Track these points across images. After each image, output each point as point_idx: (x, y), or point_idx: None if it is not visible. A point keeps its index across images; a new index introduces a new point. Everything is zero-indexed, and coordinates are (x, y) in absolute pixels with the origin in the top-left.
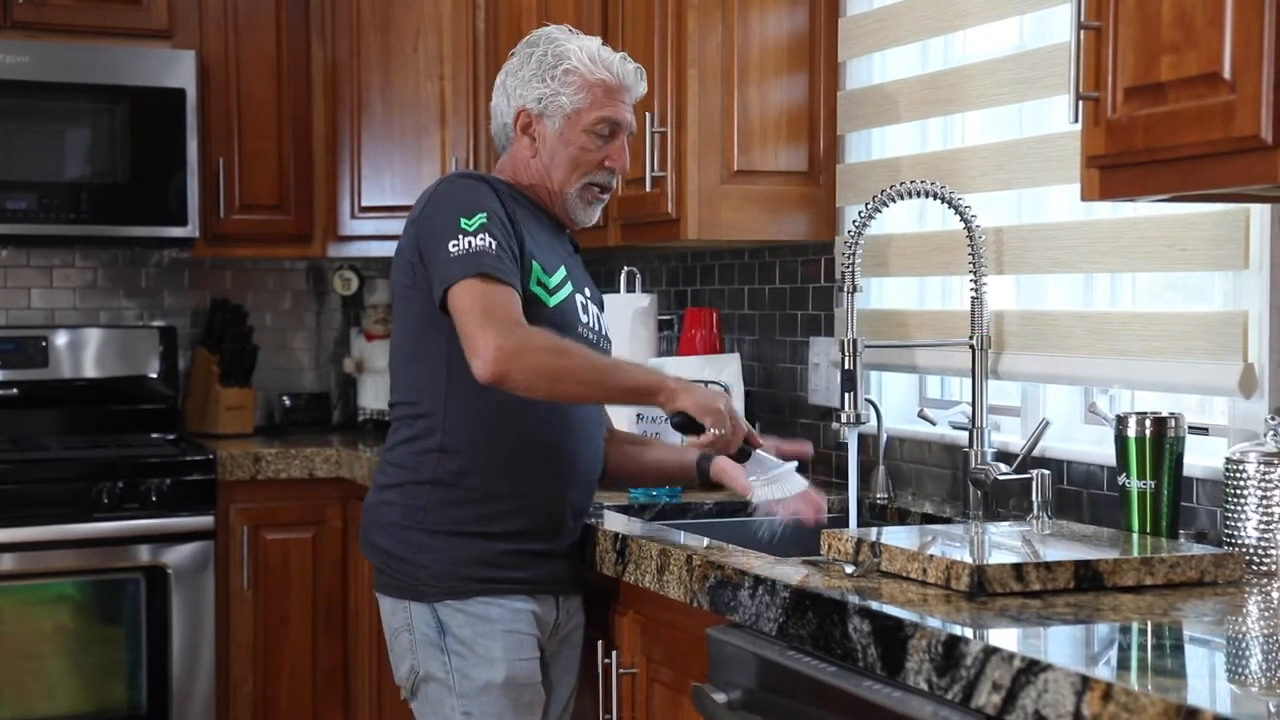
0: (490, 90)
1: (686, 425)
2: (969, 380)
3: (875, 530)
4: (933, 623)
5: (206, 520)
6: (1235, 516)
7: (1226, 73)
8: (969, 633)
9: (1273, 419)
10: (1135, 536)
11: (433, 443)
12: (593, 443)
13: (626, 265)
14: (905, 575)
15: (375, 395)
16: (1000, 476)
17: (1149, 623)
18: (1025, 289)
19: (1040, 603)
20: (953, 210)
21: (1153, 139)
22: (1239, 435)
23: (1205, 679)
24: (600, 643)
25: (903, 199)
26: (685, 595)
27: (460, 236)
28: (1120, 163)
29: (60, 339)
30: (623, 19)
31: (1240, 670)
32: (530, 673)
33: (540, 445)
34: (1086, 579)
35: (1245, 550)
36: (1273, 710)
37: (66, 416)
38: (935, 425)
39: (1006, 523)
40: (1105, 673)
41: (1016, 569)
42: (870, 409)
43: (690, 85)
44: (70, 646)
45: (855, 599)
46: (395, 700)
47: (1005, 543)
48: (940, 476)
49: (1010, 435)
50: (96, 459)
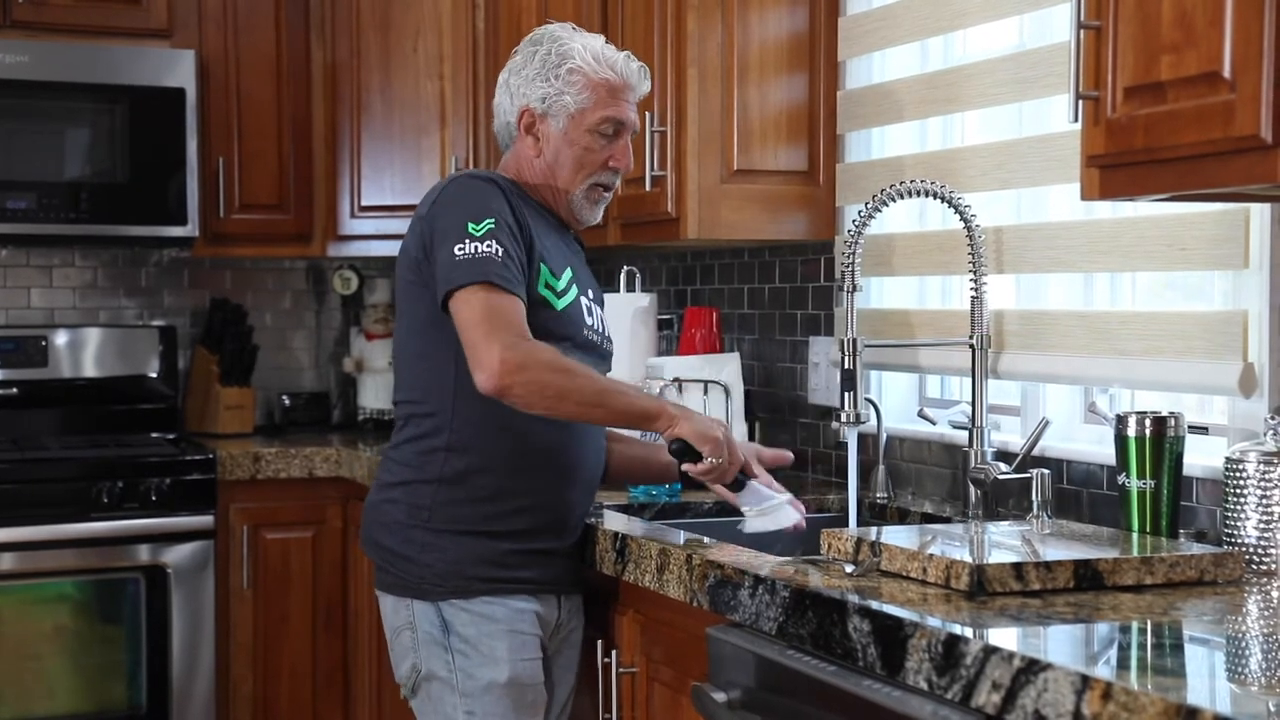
0: (490, 89)
1: (684, 452)
2: (969, 380)
3: (875, 530)
4: (932, 622)
5: (206, 520)
6: (1235, 516)
7: (1226, 72)
8: (969, 632)
9: (1272, 418)
10: (1135, 536)
11: (439, 441)
12: (596, 444)
13: (626, 264)
14: (905, 575)
15: (375, 395)
16: (1000, 476)
17: (1149, 622)
18: (1025, 288)
19: (1040, 602)
20: (952, 210)
21: (1152, 138)
22: (1239, 435)
23: (1205, 678)
24: (600, 642)
25: (903, 198)
26: (685, 595)
27: (467, 240)
28: (1120, 162)
29: (60, 338)
30: (622, 18)
31: (1240, 669)
32: (534, 672)
33: (545, 445)
34: (1086, 578)
35: (1245, 549)
36: (1272, 709)
37: (66, 416)
38: (935, 425)
39: (1006, 522)
40: (1105, 672)
41: (1016, 568)
42: (870, 408)
43: (690, 85)
44: (70, 646)
45: (855, 598)
46: (395, 700)
47: (1005, 542)
48: (940, 476)
49: (1010, 435)
50: (96, 458)
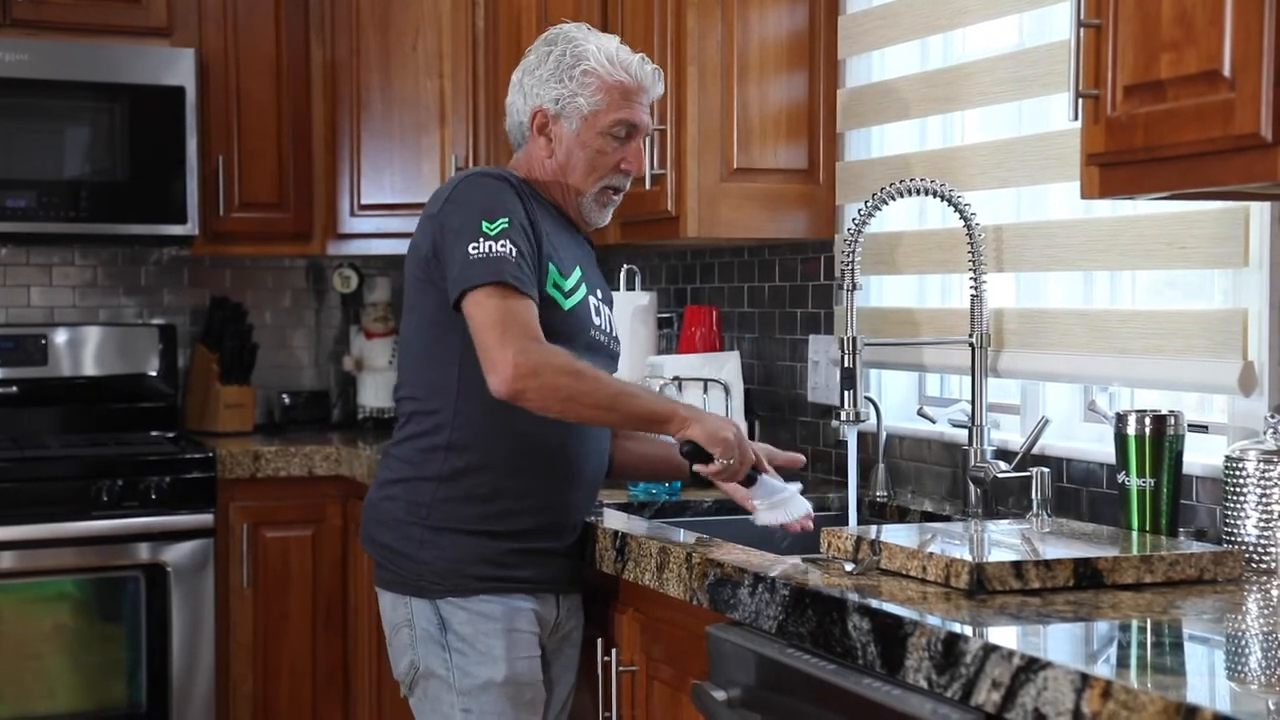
0: (490, 88)
1: (695, 454)
2: (969, 378)
3: (875, 528)
4: (932, 620)
5: (206, 518)
6: (1235, 514)
7: (1226, 70)
8: (968, 630)
9: (1272, 417)
10: (1135, 534)
11: (440, 439)
12: (598, 445)
13: (626, 263)
14: (905, 573)
15: (375, 393)
16: (1000, 474)
17: (1148, 620)
18: (1025, 287)
19: (1040, 600)
20: (952, 208)
21: (1152, 137)
22: (1238, 433)
23: (1205, 677)
24: (600, 641)
25: (902, 197)
26: (685, 593)
27: (481, 240)
28: (1120, 160)
29: (60, 337)
30: (622, 16)
31: (1240, 668)
32: (532, 671)
33: (547, 446)
34: (1086, 577)
35: (1245, 548)
36: (1272, 708)
37: (66, 414)
38: (935, 423)
39: (1006, 520)
40: (1105, 670)
41: (1016, 567)
42: (870, 407)
43: (690, 83)
44: (70, 645)
45: (855, 597)
46: (395, 698)
47: (1005, 540)
48: (940, 474)
49: (1010, 433)
50: (96, 457)
